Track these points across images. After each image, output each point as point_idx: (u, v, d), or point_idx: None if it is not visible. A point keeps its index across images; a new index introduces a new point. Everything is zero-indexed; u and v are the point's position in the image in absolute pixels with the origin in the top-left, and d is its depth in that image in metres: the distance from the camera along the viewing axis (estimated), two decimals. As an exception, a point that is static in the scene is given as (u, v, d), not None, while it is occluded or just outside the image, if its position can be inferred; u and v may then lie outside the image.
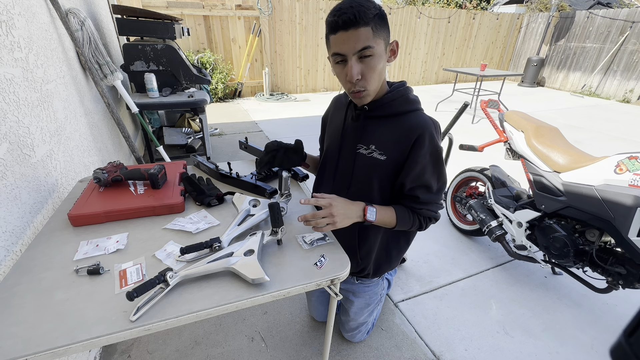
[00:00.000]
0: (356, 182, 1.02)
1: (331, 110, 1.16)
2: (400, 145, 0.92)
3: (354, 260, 1.11)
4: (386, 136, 0.94)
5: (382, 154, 0.95)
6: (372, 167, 0.97)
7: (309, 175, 1.22)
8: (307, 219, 0.85)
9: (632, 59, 6.78)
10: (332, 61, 0.87)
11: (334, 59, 0.85)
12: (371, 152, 0.96)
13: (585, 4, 8.73)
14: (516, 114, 1.85)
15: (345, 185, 1.04)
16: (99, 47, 1.90)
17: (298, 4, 6.04)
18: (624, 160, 1.30)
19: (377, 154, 0.95)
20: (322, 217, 0.84)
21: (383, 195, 1.02)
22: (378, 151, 0.95)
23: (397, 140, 0.93)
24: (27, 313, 0.64)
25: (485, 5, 10.84)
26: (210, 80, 3.01)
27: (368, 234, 1.09)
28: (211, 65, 5.53)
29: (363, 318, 1.35)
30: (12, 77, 1.00)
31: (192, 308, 0.67)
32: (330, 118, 1.14)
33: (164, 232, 0.92)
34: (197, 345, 1.40)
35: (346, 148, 1.03)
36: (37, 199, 1.03)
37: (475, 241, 2.19)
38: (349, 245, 1.05)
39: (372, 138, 0.96)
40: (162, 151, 2.45)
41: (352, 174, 1.01)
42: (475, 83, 5.15)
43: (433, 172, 0.96)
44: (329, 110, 1.18)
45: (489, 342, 1.47)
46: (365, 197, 0.99)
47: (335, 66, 0.87)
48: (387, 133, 0.94)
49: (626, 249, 1.31)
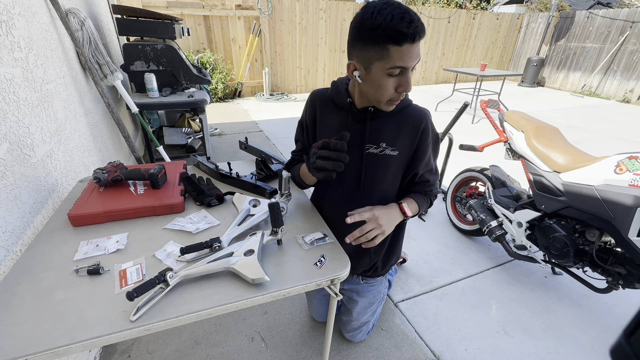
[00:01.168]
0: (368, 182, 1.03)
1: (317, 112, 1.05)
2: (409, 139, 0.98)
3: (367, 259, 1.16)
4: (394, 132, 0.97)
5: (394, 149, 0.98)
6: (385, 164, 1.00)
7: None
8: (355, 236, 0.88)
9: (632, 59, 6.78)
10: (381, 72, 0.78)
11: (392, 71, 0.77)
12: (382, 149, 0.98)
13: (585, 4, 8.73)
14: (516, 114, 1.85)
15: (356, 186, 1.04)
16: (99, 47, 1.90)
17: (298, 4, 6.04)
18: (624, 160, 1.30)
19: (389, 150, 0.98)
20: (370, 229, 0.88)
21: (395, 188, 1.07)
22: (390, 148, 0.98)
23: (406, 134, 0.97)
24: (27, 313, 0.64)
25: (485, 5, 10.85)
26: (210, 80, 3.01)
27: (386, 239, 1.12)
28: (211, 65, 5.53)
29: (366, 317, 1.35)
30: (12, 77, 1.00)
31: (192, 308, 0.67)
32: (321, 120, 1.05)
33: (164, 232, 0.92)
34: (197, 345, 1.40)
35: (352, 151, 0.99)
36: (37, 199, 1.03)
37: (475, 241, 2.19)
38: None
39: (381, 136, 0.97)
40: (162, 151, 2.45)
41: (362, 175, 1.01)
42: (475, 83, 5.15)
43: (434, 155, 1.06)
44: (314, 111, 1.06)
45: (489, 342, 1.47)
46: (380, 193, 1.04)
47: (386, 78, 0.79)
48: (394, 129, 0.97)
49: (626, 249, 1.31)
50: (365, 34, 0.74)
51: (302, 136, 1.14)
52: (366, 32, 0.74)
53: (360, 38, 0.76)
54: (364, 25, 0.74)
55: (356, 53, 0.80)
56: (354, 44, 0.79)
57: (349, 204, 1.04)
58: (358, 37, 0.77)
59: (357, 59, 0.80)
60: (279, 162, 1.36)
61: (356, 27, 0.77)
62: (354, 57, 0.81)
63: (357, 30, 0.77)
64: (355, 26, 0.77)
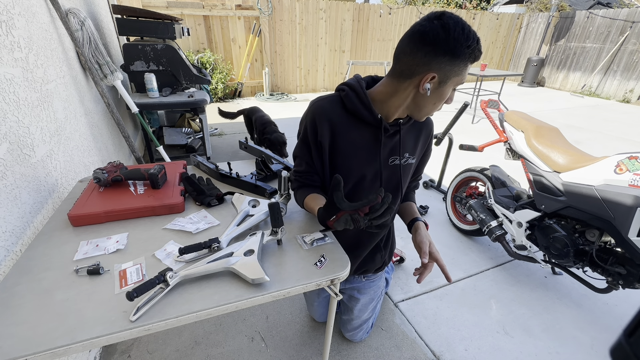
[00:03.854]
0: (402, 193, 1.06)
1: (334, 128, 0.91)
2: (422, 145, 1.03)
3: (379, 257, 1.21)
4: (413, 142, 1.00)
5: (413, 157, 1.02)
6: (407, 172, 1.04)
7: None
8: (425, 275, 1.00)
9: (632, 59, 6.78)
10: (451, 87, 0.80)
11: (454, 85, 0.81)
12: (406, 159, 1.00)
13: (585, 4, 8.73)
14: (516, 114, 1.85)
15: (396, 200, 1.05)
16: (99, 47, 1.90)
17: (298, 4, 6.04)
18: (624, 160, 1.30)
19: (410, 159, 1.01)
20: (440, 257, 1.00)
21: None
22: (411, 157, 1.01)
23: (421, 141, 1.02)
24: (27, 313, 0.64)
25: (485, 5, 10.84)
26: (210, 80, 3.01)
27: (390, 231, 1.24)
28: (211, 65, 5.53)
29: (367, 315, 1.36)
30: (12, 77, 1.00)
31: (192, 308, 0.67)
32: (343, 140, 0.92)
33: (164, 232, 0.92)
34: (197, 345, 1.40)
35: (384, 165, 0.98)
36: (37, 199, 1.03)
37: (475, 241, 2.19)
38: (376, 246, 1.18)
39: (405, 147, 0.98)
40: (162, 151, 2.45)
41: (401, 187, 1.03)
42: (475, 83, 5.15)
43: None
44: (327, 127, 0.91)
45: (489, 342, 1.47)
46: (398, 199, 1.08)
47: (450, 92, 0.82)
48: (413, 138, 1.00)
49: (626, 249, 1.31)
50: (459, 51, 0.73)
51: (308, 157, 0.97)
52: (460, 49, 0.73)
53: (450, 52, 0.73)
54: (458, 42, 0.72)
55: (439, 66, 0.76)
56: (437, 56, 0.74)
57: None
58: (446, 51, 0.73)
59: (438, 71, 0.76)
60: (279, 162, 1.36)
61: (444, 40, 0.73)
62: (434, 69, 0.76)
63: (445, 44, 0.73)
64: (442, 39, 0.73)
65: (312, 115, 0.91)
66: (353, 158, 0.94)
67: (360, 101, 0.88)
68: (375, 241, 1.15)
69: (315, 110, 0.91)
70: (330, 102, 0.92)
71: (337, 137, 0.92)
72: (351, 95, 0.89)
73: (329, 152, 0.94)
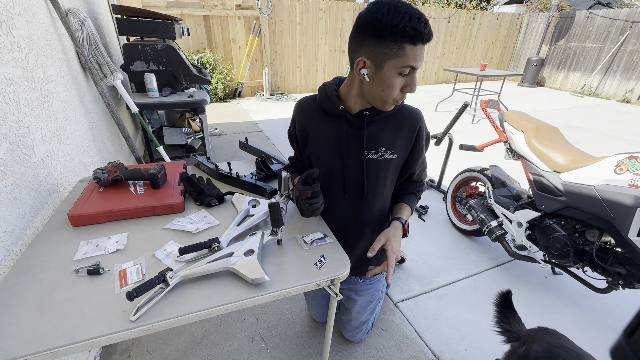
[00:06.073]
0: (371, 188, 1.03)
1: (307, 123, 1.03)
2: (406, 140, 0.99)
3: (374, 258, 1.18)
4: (391, 135, 0.97)
5: (392, 153, 0.99)
6: (385, 168, 1.01)
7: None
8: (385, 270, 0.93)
9: (632, 59, 6.78)
10: (393, 70, 0.77)
11: (404, 70, 0.77)
12: (382, 154, 0.98)
13: (585, 4, 8.73)
14: (516, 114, 1.85)
15: (360, 194, 1.04)
16: (99, 47, 1.90)
17: (298, 4, 6.04)
18: (624, 160, 1.30)
19: (388, 154, 0.98)
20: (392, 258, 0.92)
21: (392, 189, 1.10)
22: (389, 152, 0.98)
23: (402, 136, 0.98)
24: (27, 313, 0.64)
25: (485, 5, 10.84)
26: (210, 80, 3.01)
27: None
28: (211, 65, 5.53)
29: (365, 316, 1.35)
30: (12, 77, 1.00)
31: (192, 308, 0.67)
32: (314, 132, 1.02)
33: (164, 232, 0.92)
34: (197, 345, 1.40)
35: (351, 158, 0.99)
36: (37, 199, 1.03)
37: (475, 241, 2.19)
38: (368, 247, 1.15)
39: (379, 141, 0.97)
40: (162, 151, 2.45)
41: (365, 182, 1.02)
42: (475, 83, 5.15)
43: (425, 153, 1.09)
44: (303, 123, 1.04)
45: (489, 342, 1.47)
46: (380, 197, 1.06)
47: (396, 77, 0.78)
48: (391, 132, 0.97)
49: (626, 249, 1.31)
50: (383, 31, 0.73)
51: (295, 147, 1.14)
52: (384, 29, 0.72)
53: (375, 34, 0.74)
54: (381, 22, 0.72)
55: (367, 49, 0.77)
56: (365, 40, 0.76)
57: (354, 211, 1.07)
58: (372, 33, 0.75)
59: (368, 55, 0.78)
60: (279, 162, 1.36)
61: (369, 23, 0.74)
62: (364, 54, 0.78)
63: (370, 26, 0.74)
64: (368, 22, 0.75)
65: (294, 111, 1.07)
66: (322, 150, 1.02)
67: (327, 95, 0.96)
68: (364, 241, 1.12)
69: (296, 107, 1.06)
70: (308, 100, 1.03)
71: (310, 131, 1.03)
72: (321, 91, 0.98)
73: (305, 144, 1.06)
